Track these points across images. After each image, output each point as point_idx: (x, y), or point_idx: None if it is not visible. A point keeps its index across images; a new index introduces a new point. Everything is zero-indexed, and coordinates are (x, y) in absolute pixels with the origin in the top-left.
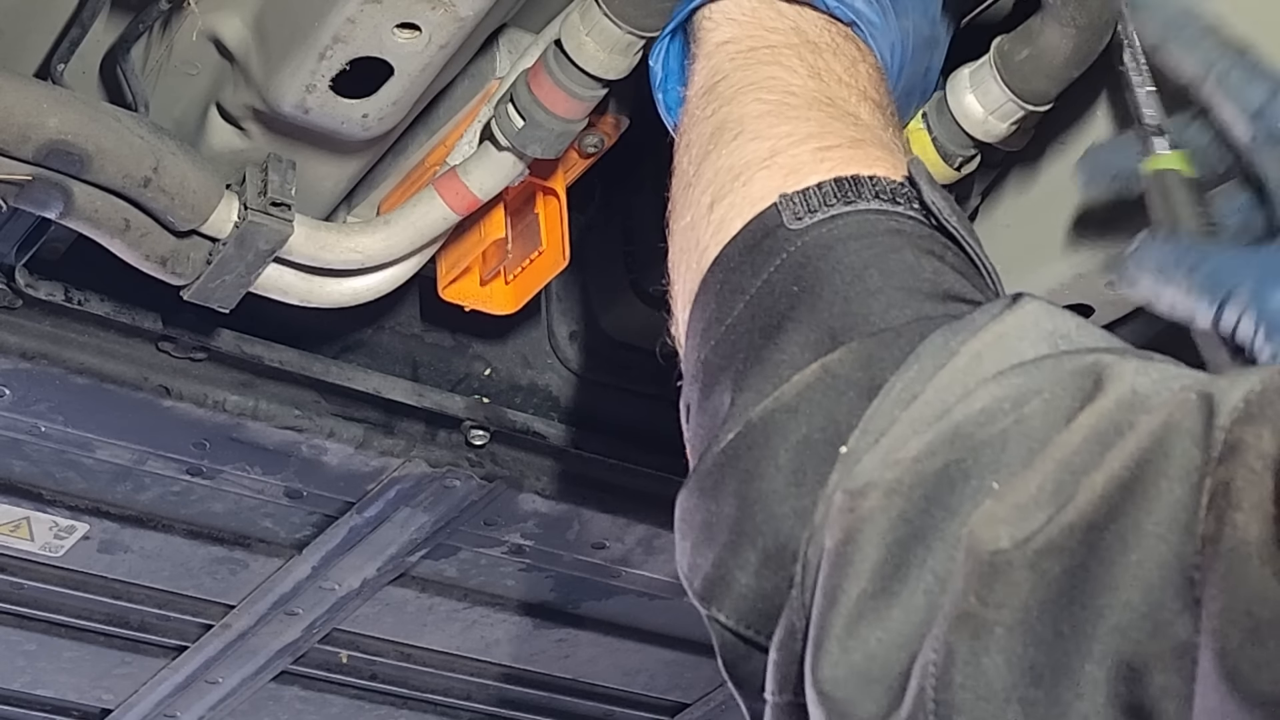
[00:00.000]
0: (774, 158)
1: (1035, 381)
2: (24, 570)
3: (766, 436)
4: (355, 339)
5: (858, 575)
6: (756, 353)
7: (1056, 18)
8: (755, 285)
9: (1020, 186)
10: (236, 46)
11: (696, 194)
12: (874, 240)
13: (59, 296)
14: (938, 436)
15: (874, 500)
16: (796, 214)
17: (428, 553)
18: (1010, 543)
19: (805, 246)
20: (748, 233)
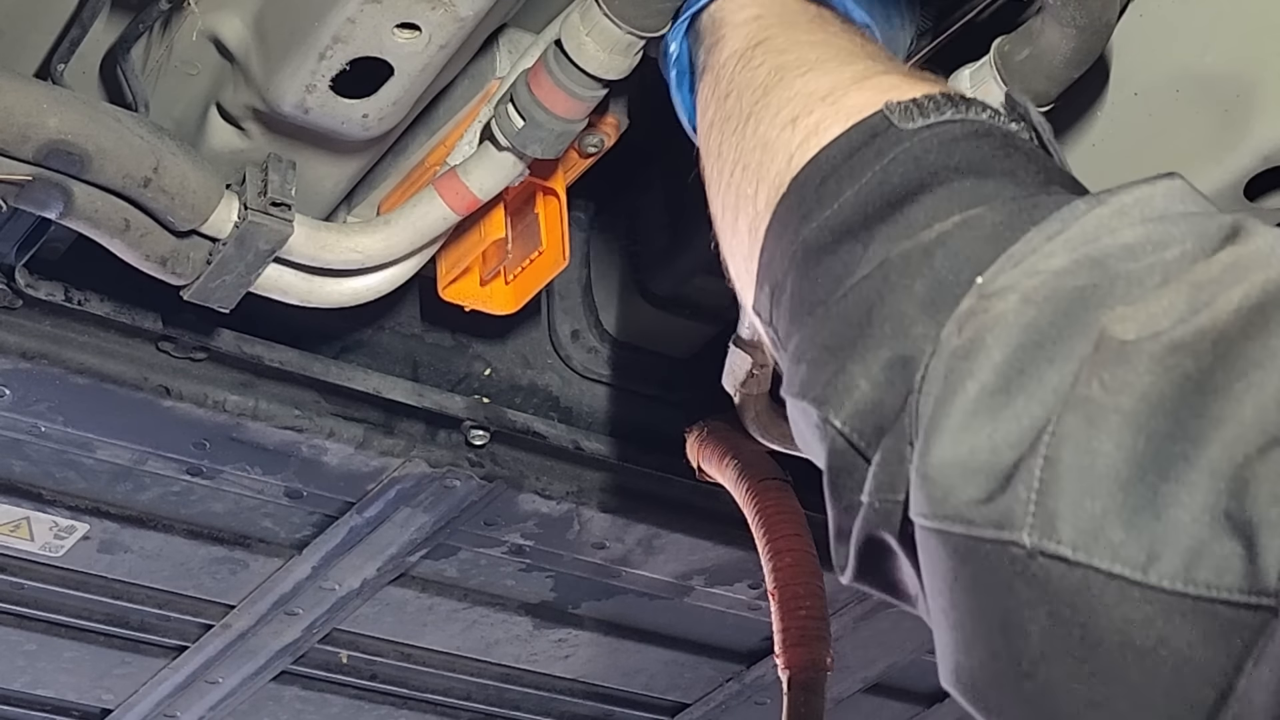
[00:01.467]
0: (864, 80)
1: (1180, 230)
2: (24, 570)
3: (903, 271)
4: (355, 339)
5: (980, 372)
6: (889, 212)
7: (1057, 18)
8: (869, 173)
9: None
10: (236, 46)
11: (766, 117)
12: (995, 140)
13: (59, 296)
14: (1082, 258)
15: (1010, 303)
16: (910, 116)
17: (428, 553)
18: (1138, 334)
19: (925, 141)
20: (851, 134)
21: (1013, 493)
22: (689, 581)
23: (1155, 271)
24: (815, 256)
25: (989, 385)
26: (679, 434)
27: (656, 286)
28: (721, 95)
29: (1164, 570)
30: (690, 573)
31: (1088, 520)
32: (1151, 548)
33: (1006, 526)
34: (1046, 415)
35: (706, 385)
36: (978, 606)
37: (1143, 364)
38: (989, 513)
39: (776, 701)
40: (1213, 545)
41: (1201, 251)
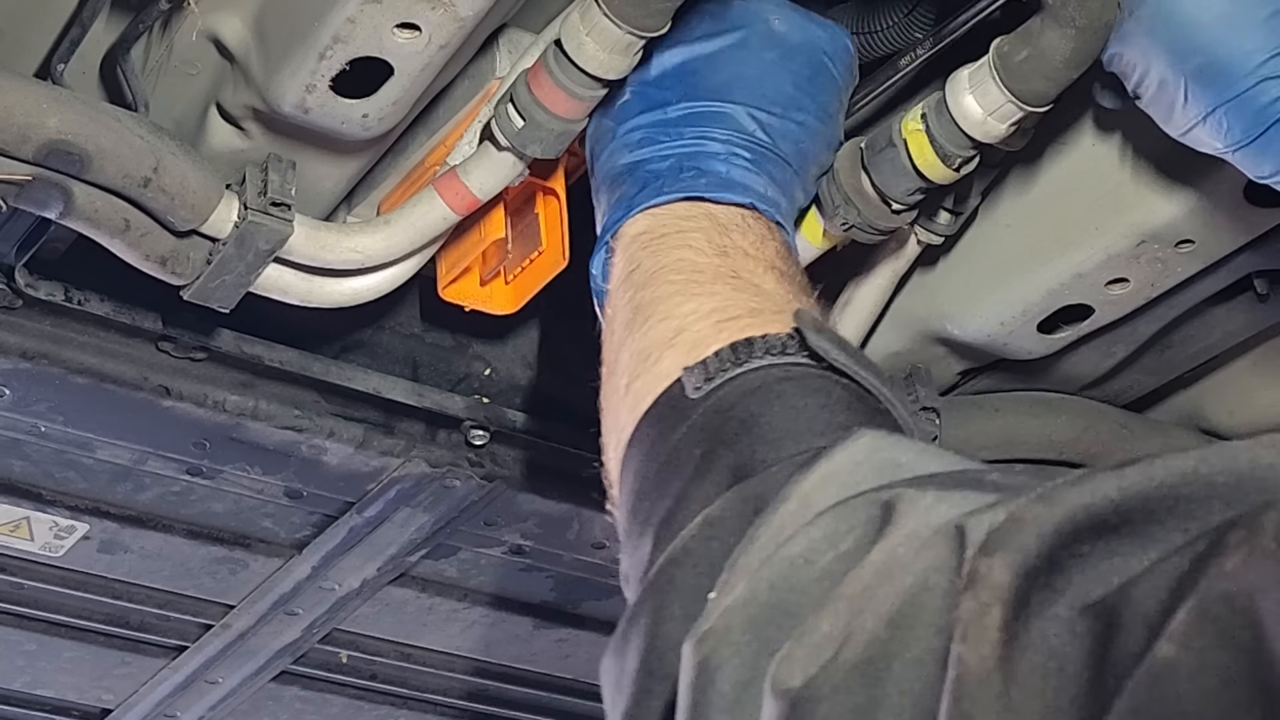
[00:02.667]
0: (679, 335)
1: (848, 521)
2: (24, 570)
3: (661, 590)
4: (355, 339)
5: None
6: (667, 512)
7: (1056, 18)
8: (665, 452)
9: (1020, 186)
10: (236, 46)
11: (617, 379)
12: (764, 391)
13: (59, 296)
14: (761, 581)
15: (709, 647)
16: (696, 384)
17: (428, 553)
18: (802, 680)
19: (706, 411)
20: (657, 407)
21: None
22: None
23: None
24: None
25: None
26: None
27: None
28: (608, 333)
29: None
30: None
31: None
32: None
33: None
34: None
35: None
36: None
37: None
38: None
39: None
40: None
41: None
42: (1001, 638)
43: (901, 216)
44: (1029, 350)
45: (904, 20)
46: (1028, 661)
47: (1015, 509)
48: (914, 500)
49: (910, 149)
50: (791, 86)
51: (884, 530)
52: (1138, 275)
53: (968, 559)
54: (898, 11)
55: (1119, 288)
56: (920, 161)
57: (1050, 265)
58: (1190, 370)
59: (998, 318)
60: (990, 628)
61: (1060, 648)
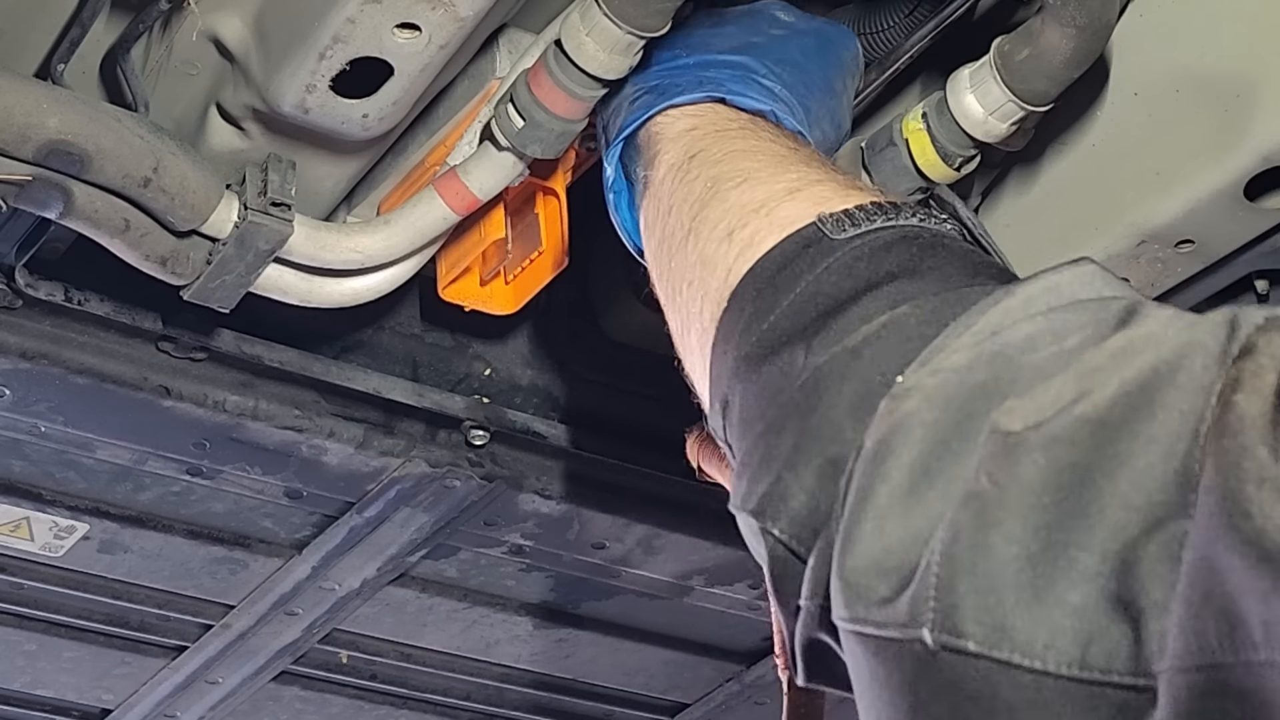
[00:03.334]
0: (797, 191)
1: (1079, 318)
2: (24, 570)
3: (831, 378)
4: (355, 339)
5: (889, 474)
6: (822, 320)
7: (1057, 18)
8: (802, 283)
9: (1020, 186)
10: (236, 46)
11: (704, 232)
12: (923, 242)
13: (59, 296)
14: (982, 354)
15: (914, 403)
16: (841, 227)
17: (428, 553)
18: (1023, 425)
19: (857, 248)
20: (785, 246)
21: (915, 591)
22: (689, 581)
23: (1050, 362)
24: (755, 369)
25: (898, 487)
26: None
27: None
28: (664, 212)
29: (1060, 657)
30: (690, 573)
31: (985, 613)
32: (1048, 636)
33: (910, 624)
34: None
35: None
36: (891, 703)
37: (1027, 456)
38: (893, 612)
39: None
40: (1103, 629)
41: (1097, 337)
42: (1275, 401)
43: None
44: None
45: (904, 21)
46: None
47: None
48: (1155, 307)
49: (911, 148)
50: (799, 54)
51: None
52: (1138, 275)
53: (1239, 339)
54: (898, 12)
55: None
56: (921, 161)
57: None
58: None
59: None
60: (1267, 387)
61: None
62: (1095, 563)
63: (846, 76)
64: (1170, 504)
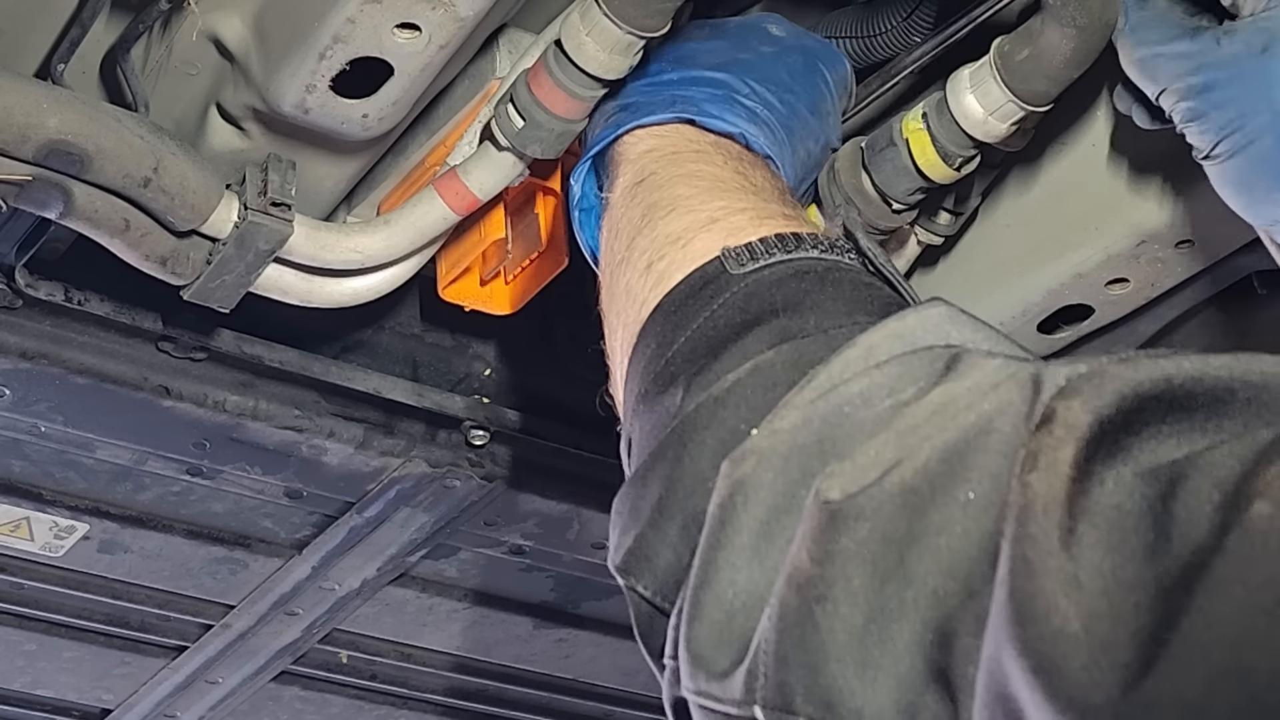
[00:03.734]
0: (714, 223)
1: (915, 370)
2: (24, 570)
3: (695, 428)
4: (355, 339)
5: (729, 539)
6: (704, 362)
7: (1056, 18)
8: (699, 320)
9: (1020, 186)
10: (236, 46)
11: (633, 261)
12: (815, 277)
13: (59, 296)
14: (815, 413)
15: (749, 466)
16: (740, 261)
17: (428, 553)
18: (841, 495)
19: (751, 284)
20: (690, 281)
21: (749, 666)
22: None
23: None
24: (648, 408)
25: (738, 554)
26: None
27: None
28: (611, 236)
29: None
30: None
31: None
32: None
33: (744, 701)
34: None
35: None
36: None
37: (844, 528)
38: (729, 688)
39: None
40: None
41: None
42: (1072, 475)
43: (902, 216)
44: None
45: (903, 24)
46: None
47: (1097, 365)
48: (979, 356)
49: (911, 148)
50: (785, 74)
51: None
52: (1138, 275)
53: (1042, 402)
54: (896, 16)
55: (1119, 288)
56: (921, 161)
57: (1050, 265)
58: None
59: (998, 318)
60: (1063, 462)
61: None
62: (916, 634)
63: (834, 97)
64: (983, 575)
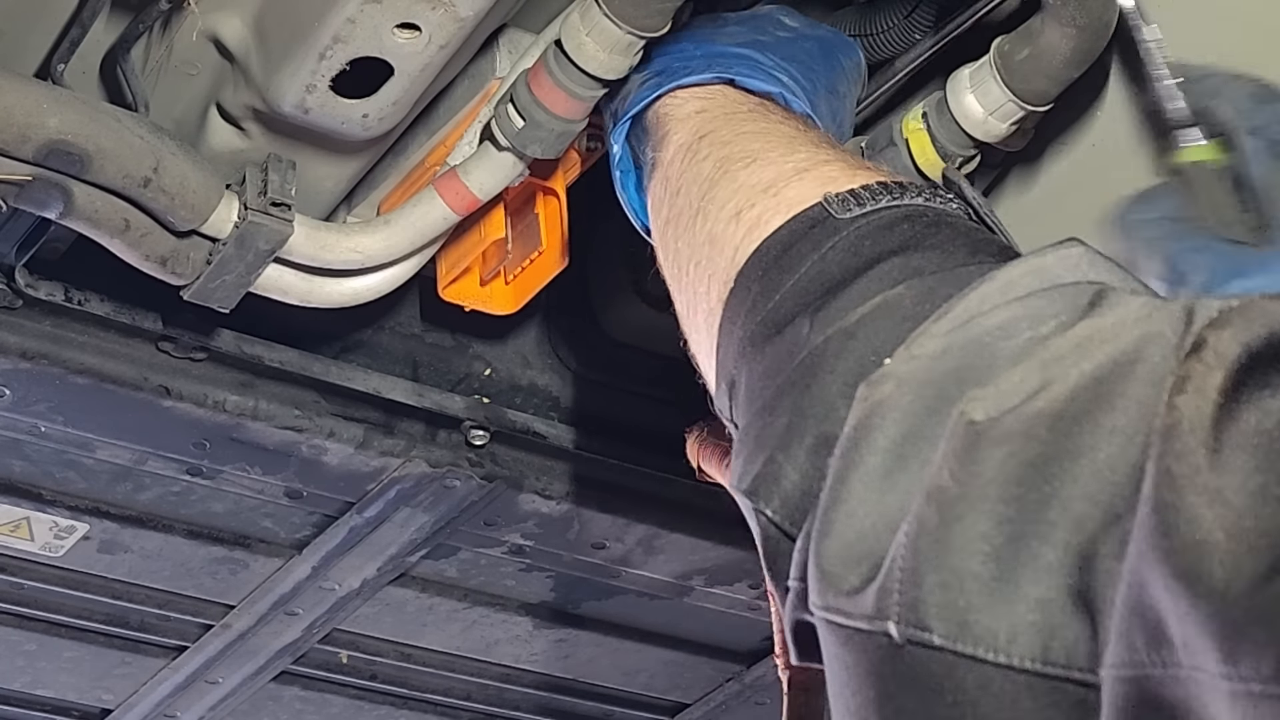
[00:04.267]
0: (804, 172)
1: (1055, 305)
2: (24, 570)
3: (826, 356)
4: (355, 339)
5: (862, 460)
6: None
7: (1056, 18)
8: (808, 262)
9: (1020, 186)
10: (236, 46)
11: (712, 212)
12: (926, 220)
13: (59, 296)
14: (954, 341)
15: (888, 389)
16: (847, 206)
17: (428, 553)
18: (984, 417)
19: (862, 228)
20: (792, 225)
21: (881, 583)
22: (689, 581)
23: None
24: (759, 349)
25: (872, 473)
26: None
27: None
28: (672, 192)
29: (1023, 651)
30: (690, 573)
31: (949, 608)
32: (1010, 630)
33: (876, 617)
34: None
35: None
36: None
37: (988, 449)
38: (861, 603)
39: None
40: (1064, 624)
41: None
42: (1220, 400)
43: None
44: None
45: (903, 23)
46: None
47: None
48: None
49: (911, 148)
50: (805, 55)
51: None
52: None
53: (1193, 332)
54: (897, 14)
55: None
56: (921, 160)
57: None
58: None
59: None
60: (1212, 387)
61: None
62: (1057, 557)
63: (849, 82)
64: (1127, 499)
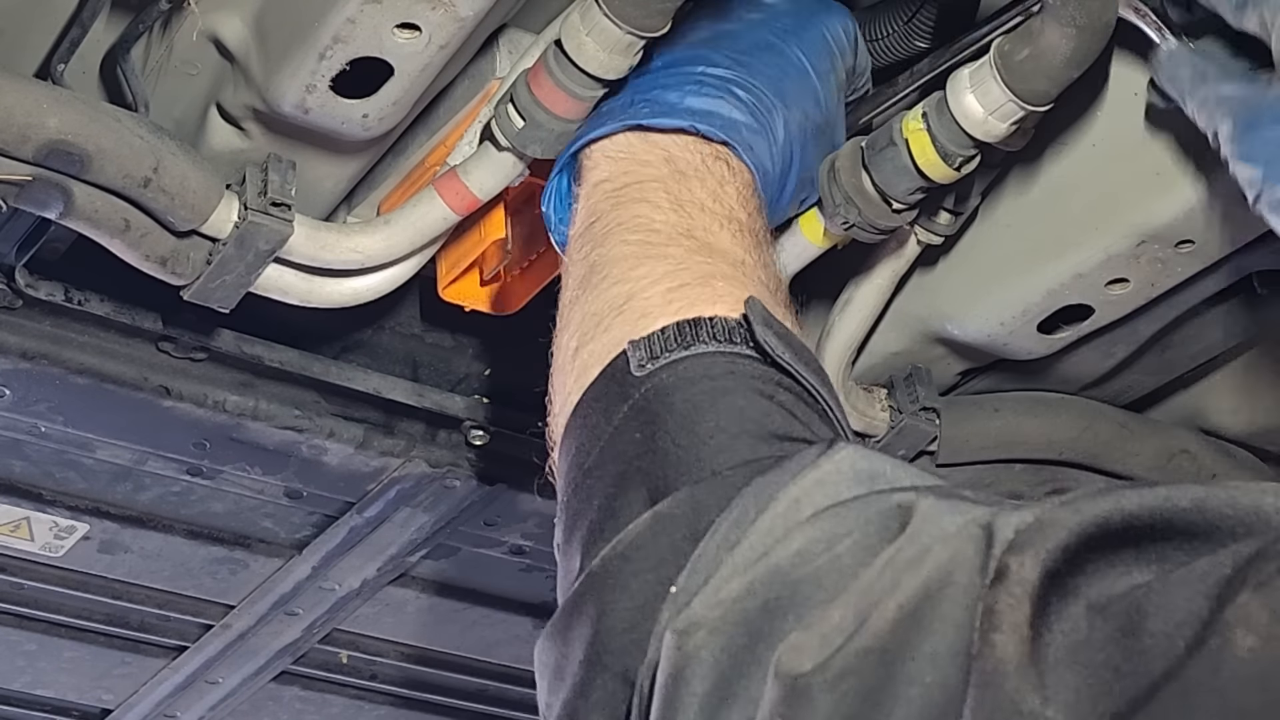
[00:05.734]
0: (629, 302)
1: (846, 523)
2: (24, 570)
3: (606, 583)
4: (355, 339)
5: (684, 710)
6: (605, 505)
7: (1057, 18)
8: (608, 432)
9: (1020, 186)
10: (236, 46)
11: (566, 339)
12: (709, 384)
13: (59, 296)
14: (757, 577)
15: (699, 638)
16: (640, 361)
17: (428, 553)
18: (811, 665)
19: (647, 393)
20: (602, 379)
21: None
22: None
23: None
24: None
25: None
26: None
27: None
28: (562, 286)
29: None
30: None
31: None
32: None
33: None
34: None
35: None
36: None
37: (818, 698)
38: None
39: None
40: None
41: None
42: (1030, 633)
43: (902, 216)
44: (1029, 350)
45: (904, 28)
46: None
47: (1041, 512)
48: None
49: (911, 148)
50: (773, 36)
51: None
52: (1138, 275)
53: (994, 556)
54: (898, 20)
55: (1119, 288)
56: (921, 161)
57: (1050, 265)
58: (1190, 370)
59: (998, 318)
60: (1021, 622)
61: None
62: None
63: (831, 54)
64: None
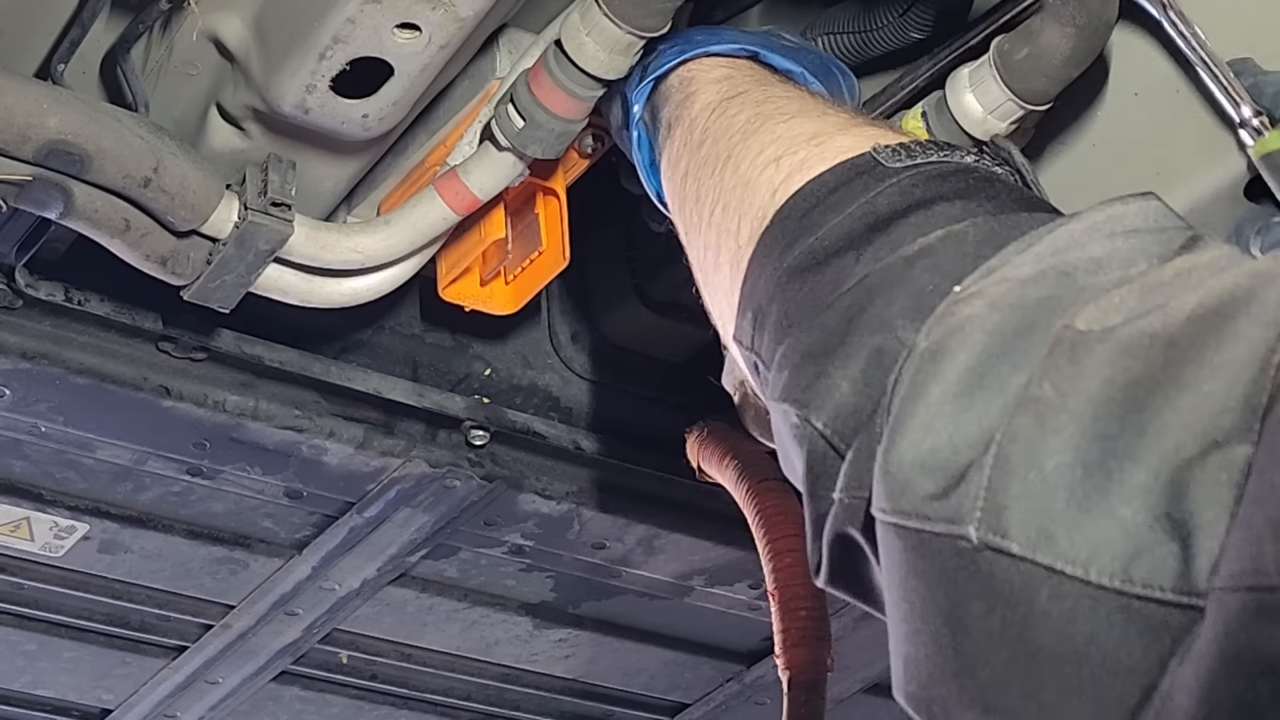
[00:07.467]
0: (849, 128)
1: (1146, 245)
2: (24, 570)
3: (883, 284)
4: (355, 339)
5: (945, 374)
6: (875, 234)
7: (1056, 17)
8: (856, 204)
9: None
10: (236, 46)
11: (749, 157)
12: (979, 175)
13: (59, 296)
14: (1049, 268)
15: (976, 308)
16: (897, 156)
17: (428, 553)
18: (1090, 327)
19: (912, 176)
20: (838, 170)
21: (964, 489)
22: (689, 581)
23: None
24: (799, 279)
25: (953, 387)
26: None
27: (655, 291)
28: (696, 143)
29: (1103, 568)
30: (690, 573)
31: (1033, 517)
32: (1093, 546)
33: (956, 521)
34: (1002, 416)
35: (704, 388)
36: (927, 599)
37: (1092, 365)
38: (941, 508)
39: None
40: (1151, 545)
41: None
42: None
43: None
44: None
45: (899, 20)
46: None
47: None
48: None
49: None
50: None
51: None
52: None
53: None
54: (893, 11)
55: None
56: None
57: None
58: None
59: None
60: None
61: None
62: (1149, 479)
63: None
64: (1232, 429)
